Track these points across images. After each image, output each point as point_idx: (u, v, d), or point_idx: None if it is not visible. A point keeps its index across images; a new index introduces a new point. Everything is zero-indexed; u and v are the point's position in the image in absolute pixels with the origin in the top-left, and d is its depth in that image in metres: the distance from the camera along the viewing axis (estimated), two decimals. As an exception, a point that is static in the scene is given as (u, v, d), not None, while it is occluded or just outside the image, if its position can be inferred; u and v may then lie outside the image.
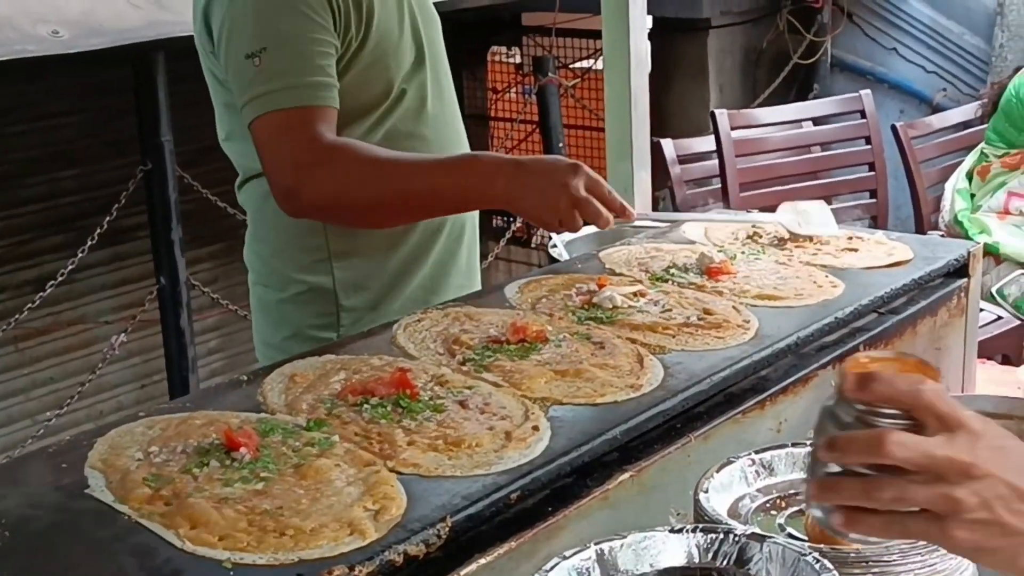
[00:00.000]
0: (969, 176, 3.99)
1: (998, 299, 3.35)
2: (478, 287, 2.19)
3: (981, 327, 3.52)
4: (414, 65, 2.05)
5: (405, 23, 2.04)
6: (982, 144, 3.95)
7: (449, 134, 2.12)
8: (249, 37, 1.86)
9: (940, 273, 2.06)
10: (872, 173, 4.24)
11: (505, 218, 6.77)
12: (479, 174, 1.86)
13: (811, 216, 2.18)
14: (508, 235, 6.09)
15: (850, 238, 2.18)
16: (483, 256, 6.15)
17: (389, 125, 2.01)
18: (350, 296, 2.04)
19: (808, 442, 1.31)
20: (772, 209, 3.57)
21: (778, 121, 4.25)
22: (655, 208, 6.55)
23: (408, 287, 2.07)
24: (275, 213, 1.95)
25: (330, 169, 1.84)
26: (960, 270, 2.09)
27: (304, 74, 1.86)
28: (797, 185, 4.09)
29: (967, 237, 3.83)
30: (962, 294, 2.07)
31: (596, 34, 2.79)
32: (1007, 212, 3.79)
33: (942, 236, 2.23)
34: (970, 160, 4.03)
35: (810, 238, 2.18)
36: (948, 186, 4.10)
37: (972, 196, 3.94)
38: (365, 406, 1.48)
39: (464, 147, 2.18)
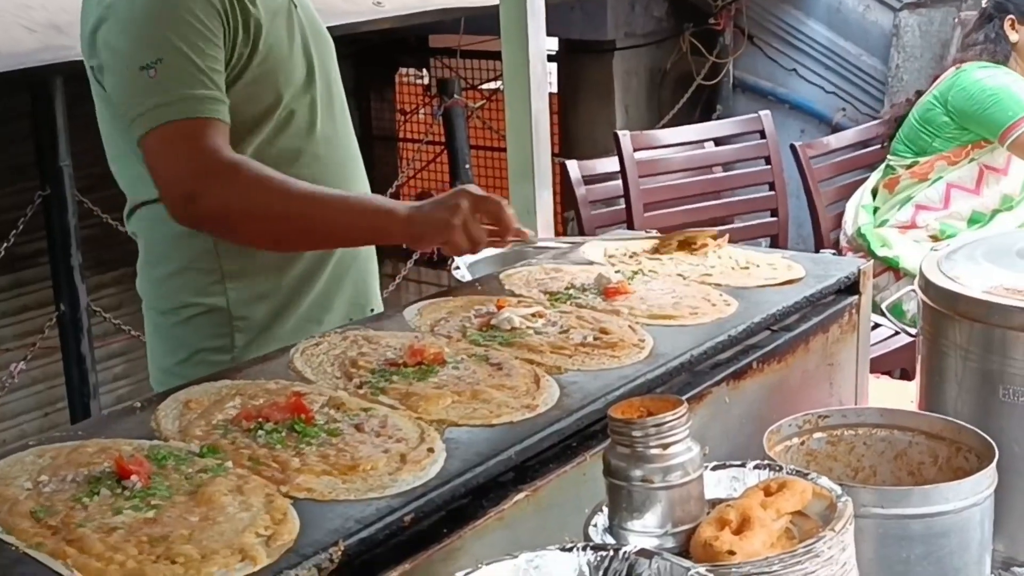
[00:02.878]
0: (874, 192, 4.06)
1: (893, 315, 3.42)
2: (376, 304, 2.20)
3: (879, 342, 3.63)
4: (304, 83, 2.05)
5: (295, 40, 2.05)
6: (888, 157, 4.02)
7: (342, 155, 2.13)
8: (143, 48, 1.85)
9: (832, 290, 2.10)
10: (772, 192, 4.31)
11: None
12: (384, 216, 1.90)
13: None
14: (416, 256, 6.09)
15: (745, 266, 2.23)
16: (391, 277, 6.16)
17: (279, 143, 2.01)
18: (244, 315, 2.04)
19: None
20: (675, 229, 3.63)
21: (680, 142, 4.31)
22: (565, 230, 6.64)
23: (301, 305, 2.08)
24: (167, 238, 1.94)
25: (232, 183, 1.83)
26: (851, 287, 2.14)
27: (200, 86, 1.85)
28: (699, 205, 4.15)
29: (869, 251, 3.89)
30: (853, 311, 2.12)
31: (501, 55, 2.82)
32: (914, 226, 3.85)
33: (835, 254, 2.27)
34: (875, 176, 4.10)
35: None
36: (851, 202, 4.17)
37: (875, 211, 4.01)
38: (260, 431, 1.48)
39: (359, 169, 2.19)
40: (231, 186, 1.83)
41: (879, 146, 4.32)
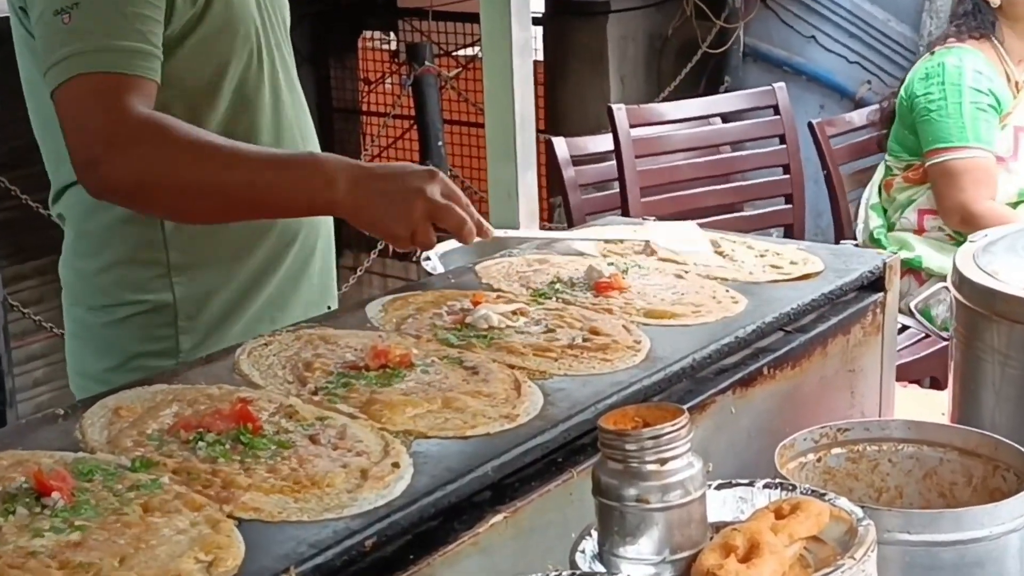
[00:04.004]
0: (880, 189, 4.06)
1: (923, 320, 3.43)
2: (334, 302, 2.19)
3: (907, 347, 3.65)
4: (252, 51, 2.05)
5: (248, 4, 2.04)
6: (886, 156, 4.03)
7: (291, 128, 2.13)
8: None
9: (853, 287, 2.12)
10: (787, 176, 4.33)
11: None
12: (318, 173, 1.84)
13: (680, 235, 2.21)
14: (381, 245, 6.09)
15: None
16: (352, 269, 6.16)
17: (222, 113, 2.01)
18: (191, 314, 2.04)
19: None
20: (676, 217, 3.64)
21: (683, 117, 4.32)
22: (551, 216, 6.65)
23: (255, 303, 2.08)
24: (103, 225, 1.93)
25: (141, 146, 1.80)
26: (876, 283, 2.15)
27: (120, 36, 1.82)
28: (703, 189, 4.16)
29: (883, 254, 3.89)
30: (878, 310, 2.13)
31: (478, 18, 2.81)
32: (923, 230, 3.85)
33: (857, 246, 2.28)
34: (879, 172, 4.10)
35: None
36: (863, 199, 4.17)
37: (886, 211, 4.00)
38: (200, 443, 1.47)
39: (312, 144, 2.19)
40: (137, 150, 1.79)
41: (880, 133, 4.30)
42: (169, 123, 1.83)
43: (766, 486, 1.44)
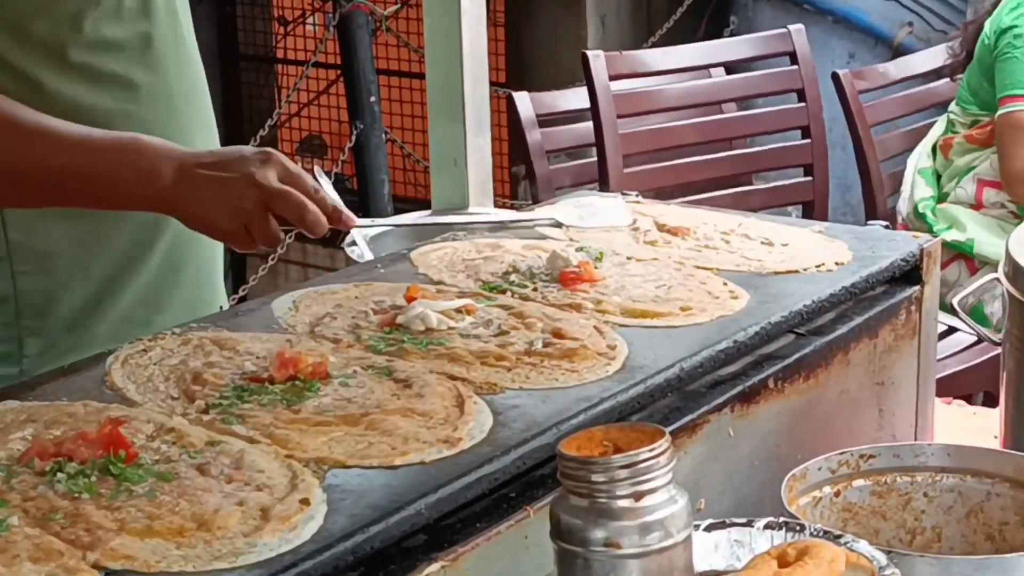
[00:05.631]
0: (934, 150, 4.07)
1: (973, 318, 3.44)
2: (223, 303, 2.19)
3: (953, 355, 3.67)
4: None
5: None
6: (951, 107, 4.04)
7: (174, 82, 2.12)
8: None
9: (882, 278, 2.13)
10: (807, 141, 4.35)
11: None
12: (139, 161, 1.89)
13: (597, 210, 2.25)
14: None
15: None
16: (263, 257, 6.15)
17: (77, 61, 2.01)
18: (39, 311, 2.04)
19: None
20: (668, 192, 3.65)
21: (677, 68, 4.34)
22: (513, 191, 6.65)
23: (120, 301, 2.07)
24: None
25: None
26: (911, 274, 2.16)
27: None
28: (702, 158, 4.17)
29: (932, 234, 3.90)
30: (913, 307, 2.14)
31: (418, -58, 2.82)
32: (980, 205, 3.86)
33: (886, 227, 2.29)
34: (937, 128, 4.11)
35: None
36: (910, 163, 4.18)
37: (939, 179, 4.01)
38: (59, 474, 1.46)
39: (203, 100, 2.20)
40: None
41: (951, 80, 4.33)
42: None
43: (767, 526, 1.45)
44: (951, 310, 2.32)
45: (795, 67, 4.35)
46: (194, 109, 2.20)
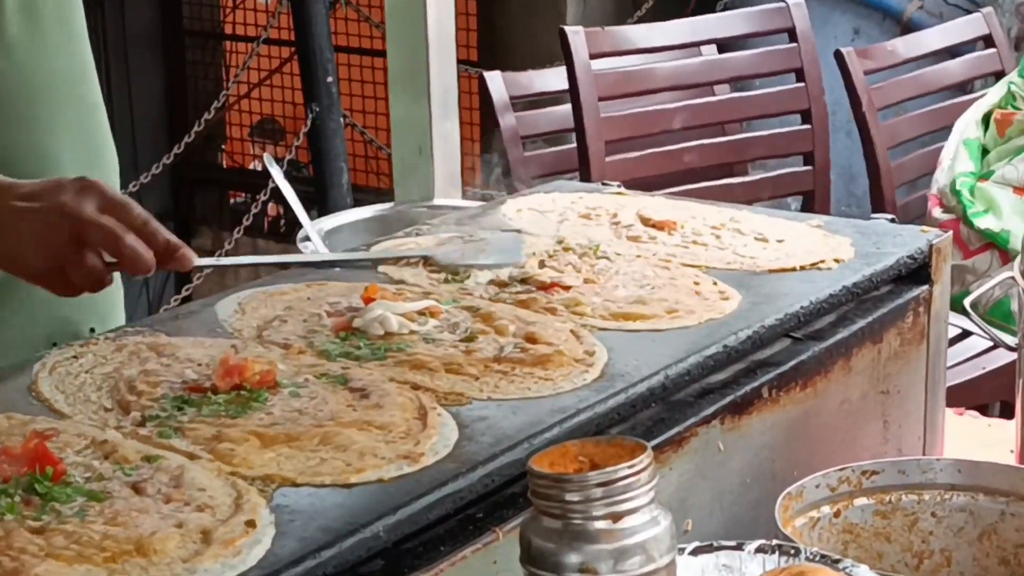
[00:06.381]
0: (986, 120, 4.03)
1: (995, 318, 3.43)
2: (104, 321, 2.19)
3: (965, 361, 3.67)
4: None
5: None
6: (1012, 77, 4.00)
7: (50, 71, 2.14)
8: None
9: (888, 277, 2.13)
10: (807, 127, 4.35)
11: (251, 195, 6.76)
12: None
13: (488, 246, 2.18)
14: (249, 220, 6.08)
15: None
16: (210, 253, 6.13)
17: None
18: None
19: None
20: (653, 182, 3.65)
21: (665, 45, 4.34)
22: (487, 181, 6.64)
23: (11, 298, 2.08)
24: None
25: None
26: (918, 272, 2.17)
27: None
28: (693, 144, 4.17)
29: (964, 217, 3.88)
30: (921, 309, 2.15)
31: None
32: None
33: (892, 221, 2.28)
34: (992, 96, 4.07)
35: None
36: (955, 131, 4.10)
37: (985, 154, 3.98)
38: (-22, 494, 1.47)
39: (91, 92, 2.21)
40: None
41: (983, 50, 4.30)
42: None
43: (759, 550, 1.45)
44: (963, 310, 2.32)
45: (794, 44, 4.36)
46: (62, 102, 2.19)
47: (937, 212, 3.95)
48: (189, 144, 6.45)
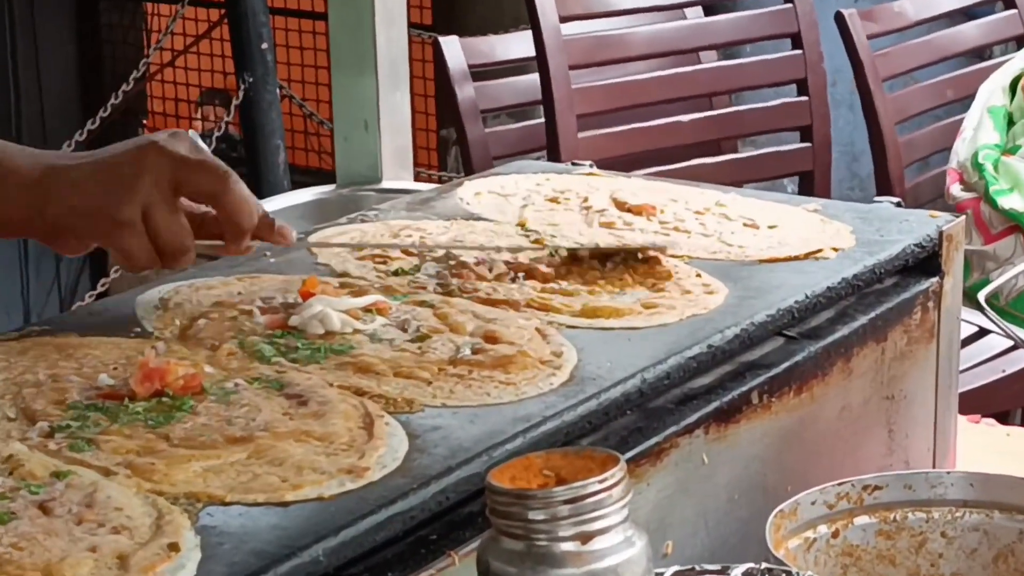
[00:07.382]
0: (1013, 87, 4.04)
1: (997, 318, 3.45)
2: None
3: (982, 363, 3.68)
4: None
5: None
6: None
7: None
8: None
9: (892, 268, 2.15)
10: (804, 99, 4.36)
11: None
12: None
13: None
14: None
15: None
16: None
17: None
18: None
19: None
20: (631, 162, 3.65)
21: (644, 6, 4.34)
22: (442, 160, 6.64)
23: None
24: None
25: None
26: (926, 263, 2.18)
27: None
28: (675, 119, 4.18)
29: (986, 194, 3.89)
30: (930, 304, 2.16)
31: None
32: None
33: (898, 205, 2.29)
34: (1021, 60, 4.07)
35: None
36: (979, 99, 4.11)
37: (1011, 124, 3.99)
38: None
39: None
40: None
41: (1003, 12, 4.32)
42: None
43: (747, 574, 1.46)
44: (978, 305, 2.33)
45: (789, 5, 4.36)
46: None
47: (956, 190, 3.96)
48: (105, 119, 6.43)
